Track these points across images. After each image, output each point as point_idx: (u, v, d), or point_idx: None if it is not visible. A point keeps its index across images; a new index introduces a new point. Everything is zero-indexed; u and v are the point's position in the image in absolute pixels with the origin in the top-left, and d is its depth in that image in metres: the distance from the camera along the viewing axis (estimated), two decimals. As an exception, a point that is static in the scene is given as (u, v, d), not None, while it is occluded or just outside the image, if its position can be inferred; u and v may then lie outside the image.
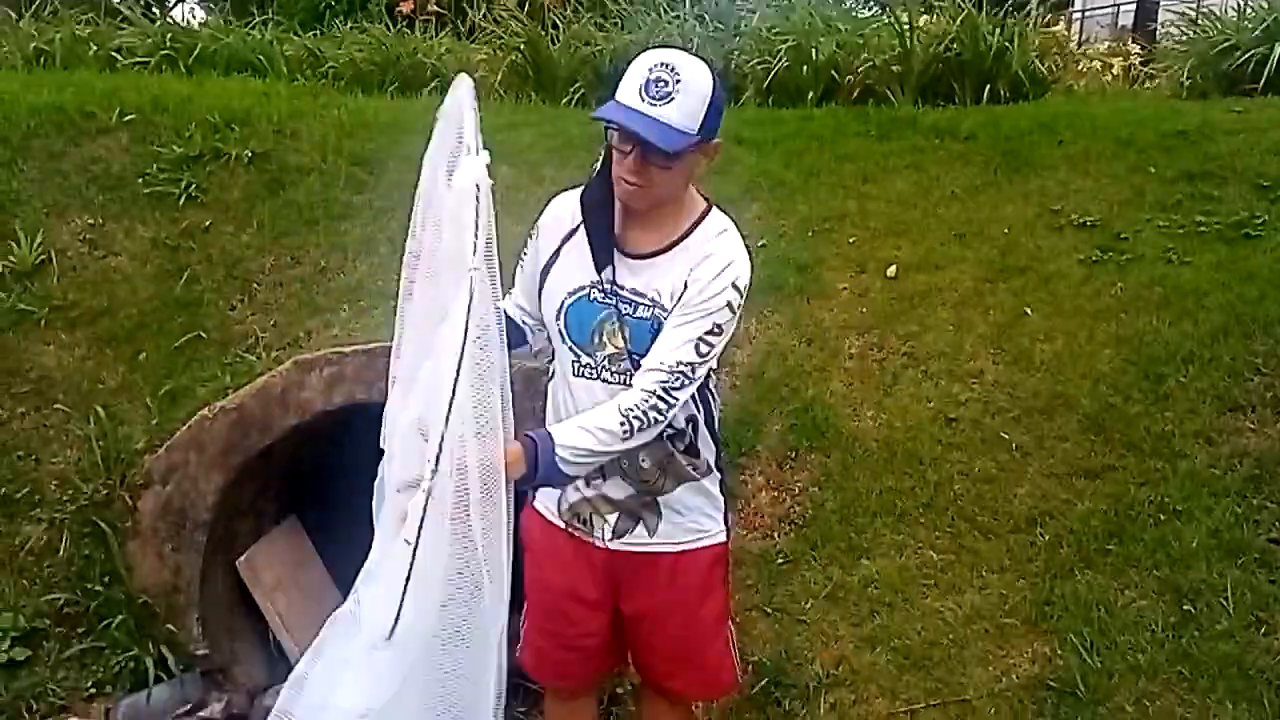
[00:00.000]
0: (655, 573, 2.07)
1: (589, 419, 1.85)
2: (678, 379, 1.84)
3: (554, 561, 2.12)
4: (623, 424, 1.82)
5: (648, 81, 1.76)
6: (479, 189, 1.65)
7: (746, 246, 1.96)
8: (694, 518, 2.05)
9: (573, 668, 2.21)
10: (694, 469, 2.03)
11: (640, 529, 2.04)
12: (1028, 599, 2.86)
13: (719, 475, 2.08)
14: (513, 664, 1.89)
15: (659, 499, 2.02)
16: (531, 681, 2.42)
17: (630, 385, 1.89)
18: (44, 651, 3.08)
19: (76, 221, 3.86)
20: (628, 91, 1.79)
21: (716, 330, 1.87)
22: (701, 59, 1.85)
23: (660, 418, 1.85)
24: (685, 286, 1.88)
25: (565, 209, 2.01)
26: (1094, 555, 2.92)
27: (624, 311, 1.91)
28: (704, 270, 1.87)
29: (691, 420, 2.00)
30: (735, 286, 1.88)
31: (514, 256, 2.14)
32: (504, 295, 2.08)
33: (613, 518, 2.03)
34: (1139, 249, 3.76)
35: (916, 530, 3.08)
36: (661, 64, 1.77)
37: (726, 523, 2.12)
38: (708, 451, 2.04)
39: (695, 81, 1.78)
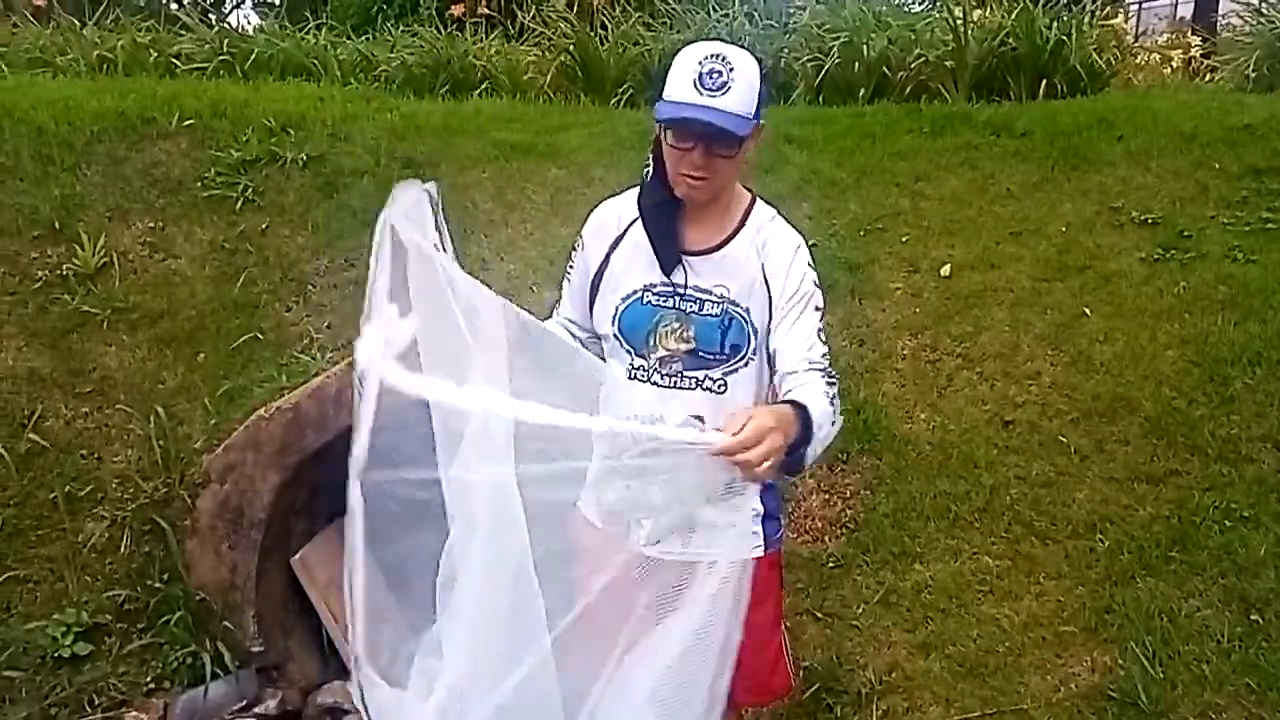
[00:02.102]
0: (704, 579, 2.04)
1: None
2: (830, 375, 1.84)
3: (603, 567, 2.09)
4: (831, 418, 1.76)
5: (701, 75, 1.77)
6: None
7: None
8: (730, 533, 2.01)
9: None
10: (736, 484, 1.99)
11: (675, 539, 2.01)
12: (1087, 607, 2.80)
13: (761, 488, 2.04)
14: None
15: (695, 512, 1.98)
16: None
17: (678, 387, 1.89)
18: (105, 647, 3.14)
19: (138, 225, 3.94)
20: (681, 88, 1.79)
21: (820, 312, 1.89)
22: (739, 46, 1.86)
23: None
24: (766, 284, 1.87)
25: (609, 216, 2.00)
26: (1156, 562, 2.84)
27: (688, 310, 1.89)
28: (777, 263, 1.88)
29: None
30: (810, 265, 1.91)
31: (562, 261, 2.15)
32: (549, 314, 2.08)
33: (649, 523, 2.01)
34: (1203, 247, 3.67)
35: (971, 535, 3.03)
36: (711, 55, 1.78)
37: (768, 535, 2.07)
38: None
39: (746, 68, 1.80)
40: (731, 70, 1.77)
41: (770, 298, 1.91)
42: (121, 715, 3.07)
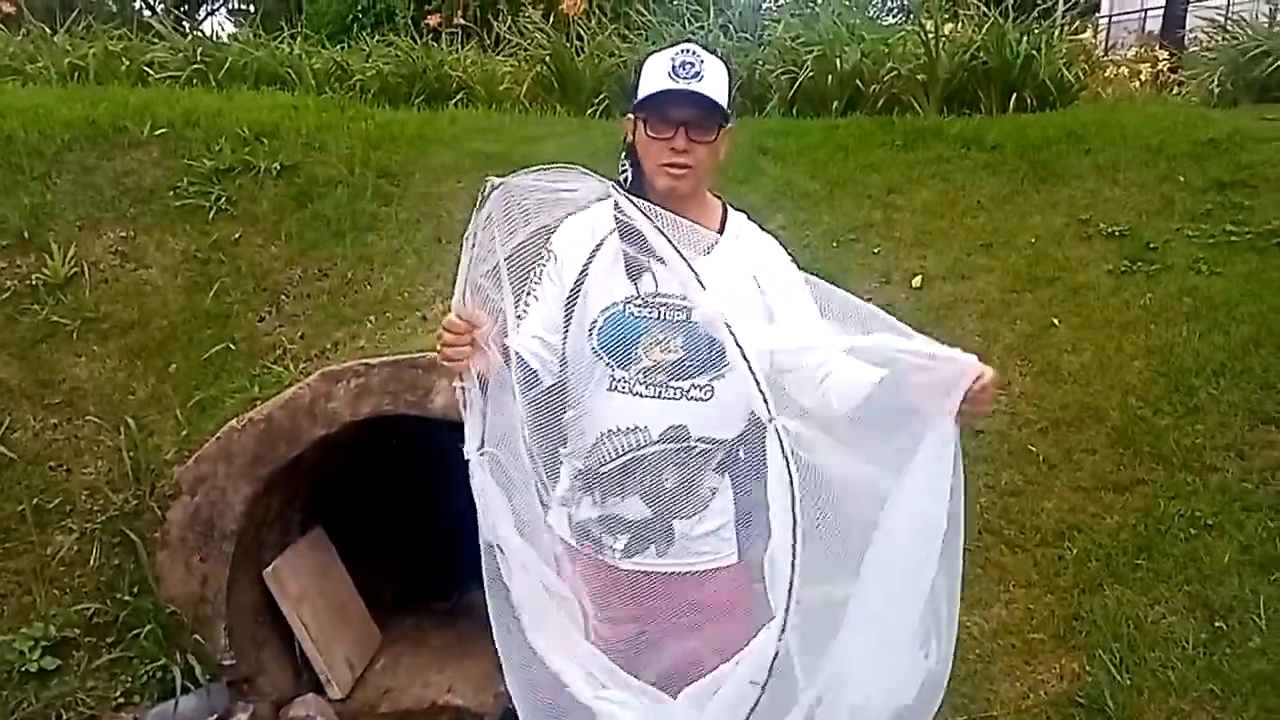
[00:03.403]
0: (682, 590, 2.03)
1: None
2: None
3: (578, 583, 2.06)
4: None
5: (675, 66, 1.85)
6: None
7: None
8: (706, 541, 2.00)
9: None
10: (714, 491, 1.99)
11: (651, 550, 2.00)
12: (1056, 614, 2.83)
13: (733, 495, 2.04)
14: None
15: (673, 522, 1.96)
16: None
17: (663, 397, 1.88)
18: (74, 661, 3.12)
19: (108, 234, 3.91)
20: (657, 80, 1.86)
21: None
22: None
23: None
24: (758, 285, 1.90)
25: (582, 228, 1.98)
26: (1123, 570, 2.88)
27: (676, 319, 1.89)
28: (762, 263, 1.93)
29: (743, 436, 1.94)
30: (789, 255, 2.00)
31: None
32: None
33: (624, 538, 1.99)
34: (1169, 259, 3.73)
35: (942, 544, 3.06)
36: (682, 50, 1.88)
37: (740, 541, 2.07)
38: (742, 472, 2.00)
39: (715, 62, 1.90)
40: (702, 63, 1.87)
41: (765, 298, 1.92)
42: (90, 730, 3.04)
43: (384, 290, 3.81)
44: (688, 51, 1.87)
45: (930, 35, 5.29)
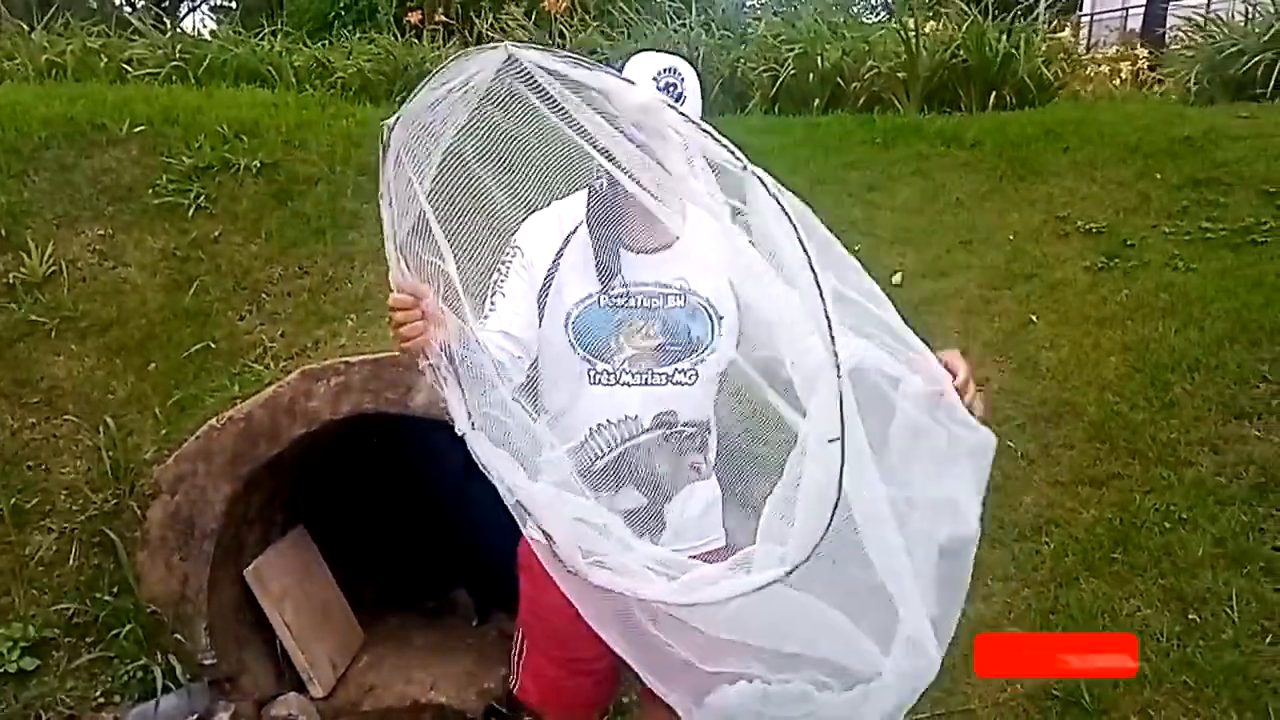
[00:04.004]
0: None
1: None
2: None
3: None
4: None
5: (658, 90, 1.84)
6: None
7: None
8: (697, 523, 2.02)
9: (583, 695, 2.12)
10: (697, 469, 2.01)
11: (645, 539, 2.01)
12: (1033, 608, 2.86)
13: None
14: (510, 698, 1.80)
15: (664, 506, 1.98)
16: (530, 714, 2.33)
17: (649, 384, 1.90)
18: (53, 661, 3.10)
19: (87, 232, 3.89)
20: None
21: None
22: (676, 54, 1.97)
23: None
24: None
25: (549, 225, 1.97)
26: (1099, 563, 2.91)
27: (652, 306, 1.91)
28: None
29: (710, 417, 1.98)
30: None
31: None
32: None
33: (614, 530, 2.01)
34: (1145, 256, 3.76)
35: (921, 539, 3.08)
36: (665, 70, 1.88)
37: (729, 527, 2.09)
38: (714, 452, 2.03)
39: (692, 77, 1.91)
40: (683, 81, 1.87)
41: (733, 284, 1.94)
42: (70, 730, 3.03)
43: (365, 288, 3.81)
44: (670, 72, 1.86)
45: (911, 33, 5.33)
